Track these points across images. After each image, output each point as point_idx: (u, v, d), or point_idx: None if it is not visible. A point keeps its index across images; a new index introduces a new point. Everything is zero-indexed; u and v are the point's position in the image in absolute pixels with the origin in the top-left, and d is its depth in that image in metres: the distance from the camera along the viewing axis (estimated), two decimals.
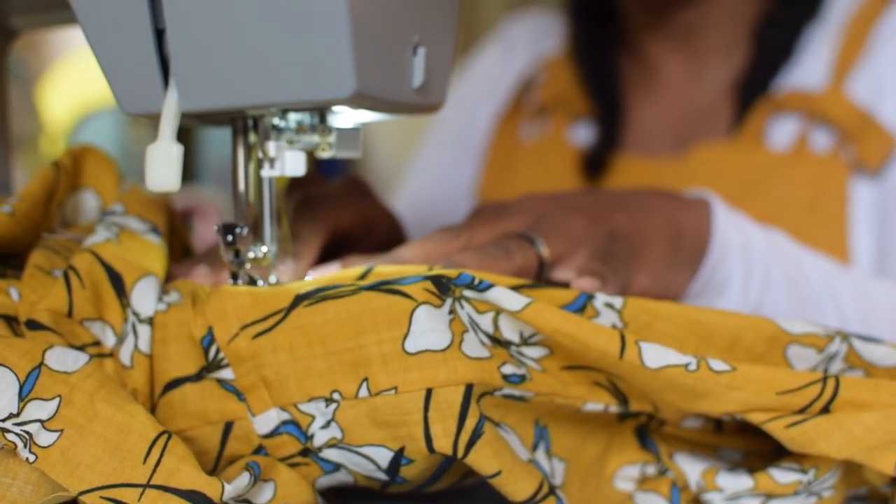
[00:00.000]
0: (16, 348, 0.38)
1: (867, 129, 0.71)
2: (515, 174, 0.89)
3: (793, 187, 0.73)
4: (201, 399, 0.41)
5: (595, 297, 0.41)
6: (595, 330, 0.39)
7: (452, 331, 0.39)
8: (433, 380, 0.38)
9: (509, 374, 0.40)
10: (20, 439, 0.36)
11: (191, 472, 0.36)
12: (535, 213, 0.50)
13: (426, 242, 0.47)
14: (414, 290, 0.39)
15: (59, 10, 0.51)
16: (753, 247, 0.54)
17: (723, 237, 0.52)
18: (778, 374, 0.40)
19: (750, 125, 0.75)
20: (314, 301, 0.40)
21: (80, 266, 0.42)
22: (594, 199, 0.51)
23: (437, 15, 0.45)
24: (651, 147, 0.82)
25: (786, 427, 0.40)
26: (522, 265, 0.46)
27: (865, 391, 0.40)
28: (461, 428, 0.38)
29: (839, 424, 0.40)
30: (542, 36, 0.94)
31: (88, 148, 0.51)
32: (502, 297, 0.39)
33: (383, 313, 0.39)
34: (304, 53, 0.38)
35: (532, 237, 0.47)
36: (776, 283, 0.54)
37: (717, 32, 0.80)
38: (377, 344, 0.39)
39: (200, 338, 0.41)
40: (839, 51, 0.75)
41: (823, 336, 0.42)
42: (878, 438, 0.39)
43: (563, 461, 0.44)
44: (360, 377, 0.39)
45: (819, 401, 0.40)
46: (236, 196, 0.45)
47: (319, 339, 0.39)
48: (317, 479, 0.42)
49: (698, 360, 0.39)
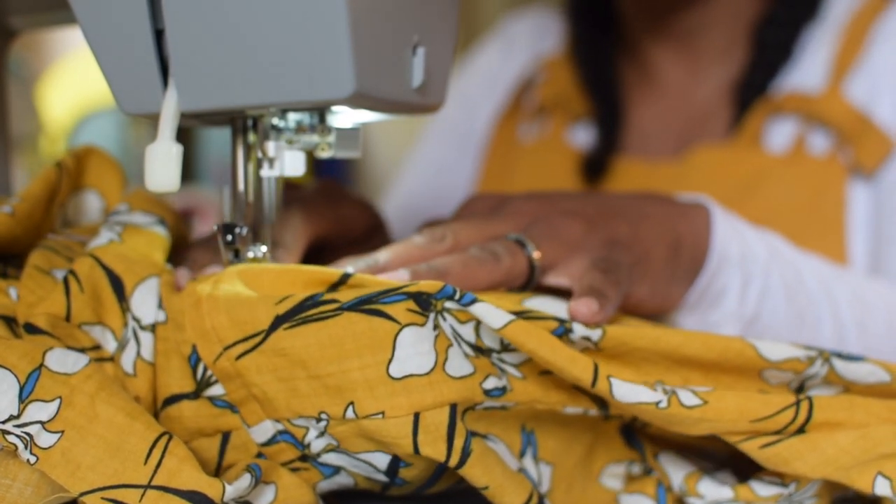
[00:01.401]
0: (16, 350, 0.38)
1: (864, 130, 0.71)
2: (514, 174, 0.89)
3: (790, 189, 0.73)
4: (196, 417, 0.41)
5: (573, 330, 0.40)
6: (571, 358, 0.39)
7: (437, 350, 0.38)
8: (420, 404, 0.38)
9: (491, 388, 0.40)
10: (21, 441, 0.36)
11: (192, 472, 0.36)
12: (529, 216, 0.48)
13: (408, 245, 0.45)
14: (397, 310, 0.38)
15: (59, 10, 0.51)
16: (753, 256, 0.52)
17: (721, 247, 0.51)
18: (750, 402, 0.40)
19: (748, 127, 0.75)
20: (294, 324, 0.38)
21: (80, 270, 0.42)
22: (592, 204, 0.50)
23: (437, 15, 0.45)
24: (650, 149, 0.82)
25: (760, 448, 0.40)
26: (510, 270, 0.44)
27: (840, 411, 0.40)
28: (451, 449, 0.38)
29: (813, 445, 0.40)
30: (542, 35, 0.94)
31: (92, 149, 0.51)
32: (485, 313, 0.39)
33: (366, 337, 0.38)
34: (304, 53, 0.38)
35: (523, 240, 0.46)
36: (774, 293, 0.53)
37: (716, 34, 0.80)
38: (360, 369, 0.38)
39: (187, 356, 0.41)
40: (838, 52, 0.75)
41: (804, 361, 0.42)
42: (853, 458, 0.40)
43: (550, 465, 0.44)
44: (345, 401, 0.38)
45: (793, 424, 0.40)
46: (236, 196, 0.45)
47: (301, 363, 0.38)
48: (317, 484, 0.42)
49: (669, 396, 0.39)
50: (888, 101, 0.72)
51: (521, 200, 0.50)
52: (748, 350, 0.42)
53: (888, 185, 0.71)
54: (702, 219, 0.52)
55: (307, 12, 0.37)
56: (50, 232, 0.47)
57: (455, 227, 0.47)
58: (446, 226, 0.47)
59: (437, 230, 0.47)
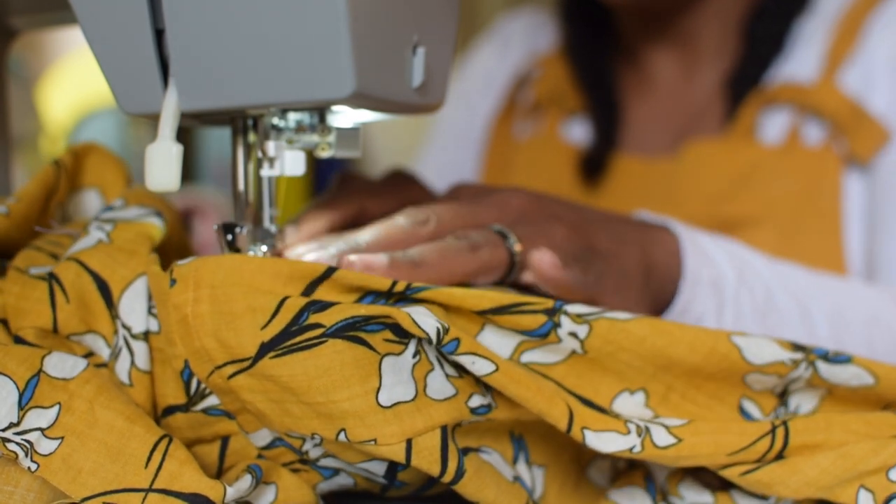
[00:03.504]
0: (14, 356, 0.38)
1: (859, 121, 0.71)
2: (512, 171, 0.89)
3: (785, 181, 0.73)
4: (193, 427, 0.41)
5: (560, 324, 0.40)
6: (549, 402, 0.39)
7: (415, 378, 0.38)
8: (412, 430, 0.38)
9: (477, 406, 0.40)
10: (21, 448, 0.36)
11: (193, 475, 0.36)
12: (516, 210, 0.48)
13: (390, 227, 0.44)
14: (376, 340, 0.38)
15: (59, 10, 0.51)
16: (724, 280, 0.52)
17: (693, 274, 0.50)
18: (726, 435, 0.40)
19: (742, 120, 0.75)
20: (280, 353, 0.37)
21: (66, 278, 0.41)
22: (577, 212, 0.49)
23: (437, 15, 0.45)
24: (646, 146, 0.82)
25: (740, 475, 0.40)
26: (488, 261, 0.44)
27: (817, 433, 0.40)
28: (444, 471, 0.38)
29: (794, 469, 0.40)
30: (537, 32, 0.94)
31: (93, 146, 0.50)
32: (469, 362, 0.38)
33: (351, 367, 0.37)
34: (304, 53, 0.38)
35: (505, 232, 0.45)
36: (744, 316, 0.52)
37: (710, 31, 0.80)
38: (349, 400, 0.37)
39: (180, 371, 0.40)
40: (832, 43, 0.75)
41: (789, 364, 0.42)
42: (835, 478, 0.40)
43: (542, 467, 0.44)
44: (336, 428, 0.38)
45: (771, 452, 0.40)
46: (236, 196, 0.45)
47: (290, 390, 0.38)
48: (317, 485, 0.42)
49: (642, 439, 0.39)
50: (882, 92, 0.72)
51: (509, 193, 0.49)
52: (733, 353, 0.42)
53: (882, 174, 0.71)
54: (672, 245, 0.51)
55: (307, 12, 0.37)
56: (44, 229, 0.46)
57: (439, 210, 0.46)
58: (431, 208, 0.46)
59: (420, 212, 0.46)
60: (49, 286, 0.41)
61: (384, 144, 2.04)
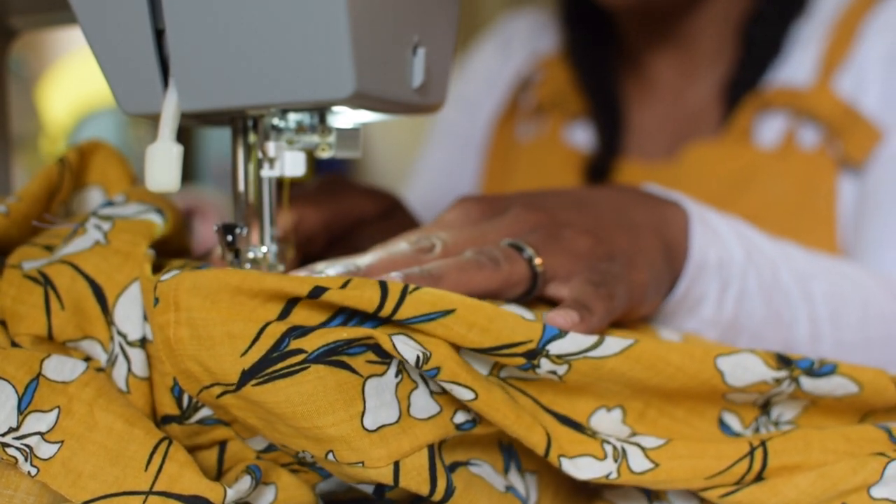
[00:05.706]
0: (13, 360, 0.38)
1: (853, 123, 0.71)
2: (514, 174, 0.89)
3: (781, 184, 0.73)
4: (188, 437, 0.41)
5: (540, 366, 0.39)
6: (528, 429, 0.39)
7: (398, 398, 0.38)
8: (398, 452, 0.37)
9: (461, 422, 0.40)
10: (20, 453, 0.36)
11: (193, 477, 0.36)
12: (526, 223, 0.46)
13: (393, 253, 0.43)
14: (358, 363, 0.37)
15: (59, 10, 0.51)
16: (730, 259, 0.51)
17: (699, 255, 0.50)
18: (703, 459, 0.39)
19: (738, 123, 0.76)
20: (262, 380, 0.36)
21: (60, 284, 0.41)
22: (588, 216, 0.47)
23: (437, 15, 0.44)
24: (647, 151, 0.83)
25: (720, 497, 0.40)
26: (509, 276, 0.42)
27: (796, 454, 0.40)
28: (434, 490, 0.38)
29: (774, 490, 0.40)
30: (539, 34, 0.94)
31: (98, 144, 0.50)
32: (452, 388, 0.38)
33: (335, 392, 0.36)
34: (304, 53, 0.38)
35: (520, 245, 0.44)
36: (751, 295, 0.52)
37: (708, 35, 0.80)
38: (334, 426, 0.36)
39: (171, 387, 0.40)
40: (827, 47, 0.75)
41: (771, 383, 0.42)
42: (814, 499, 0.39)
43: (535, 473, 0.43)
44: (325, 449, 0.37)
45: (749, 474, 0.40)
46: (236, 196, 0.45)
47: (276, 415, 0.37)
48: (317, 485, 0.42)
49: (619, 465, 0.39)
50: (874, 92, 0.72)
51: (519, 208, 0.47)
52: (715, 379, 0.41)
53: (876, 167, 0.71)
54: (681, 223, 0.50)
55: (307, 12, 0.37)
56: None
57: (443, 236, 0.44)
58: (433, 233, 0.44)
59: (423, 238, 0.44)
60: (44, 292, 0.41)
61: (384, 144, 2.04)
